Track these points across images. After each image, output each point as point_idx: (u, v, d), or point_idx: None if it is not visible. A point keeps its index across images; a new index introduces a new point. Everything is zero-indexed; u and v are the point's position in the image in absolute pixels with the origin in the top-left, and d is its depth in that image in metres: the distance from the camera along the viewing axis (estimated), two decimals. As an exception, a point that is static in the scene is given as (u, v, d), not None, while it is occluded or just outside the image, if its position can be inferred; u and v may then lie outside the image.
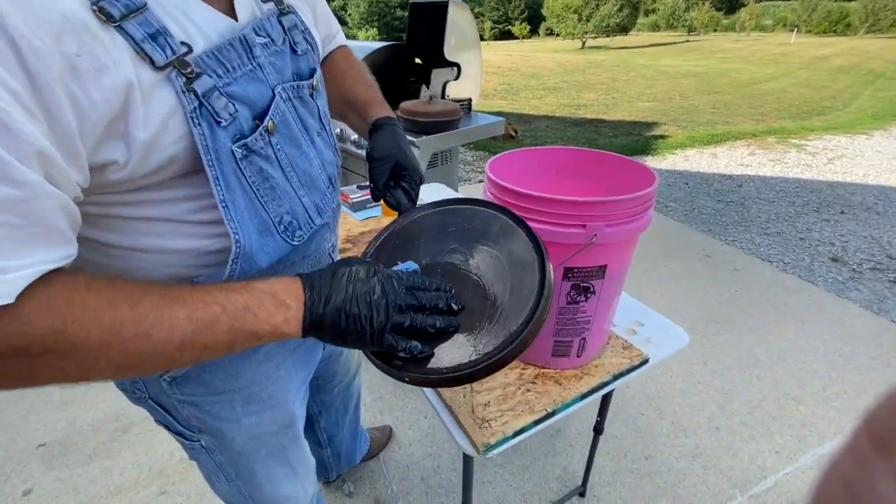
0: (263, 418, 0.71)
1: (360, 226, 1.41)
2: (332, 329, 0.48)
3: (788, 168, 4.25)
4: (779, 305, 2.26)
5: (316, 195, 0.63)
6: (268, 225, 0.55)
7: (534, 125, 5.99)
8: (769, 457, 1.53)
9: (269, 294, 0.46)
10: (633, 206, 0.68)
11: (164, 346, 0.41)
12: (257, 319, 0.45)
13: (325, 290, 0.48)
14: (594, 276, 0.74)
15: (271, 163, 0.54)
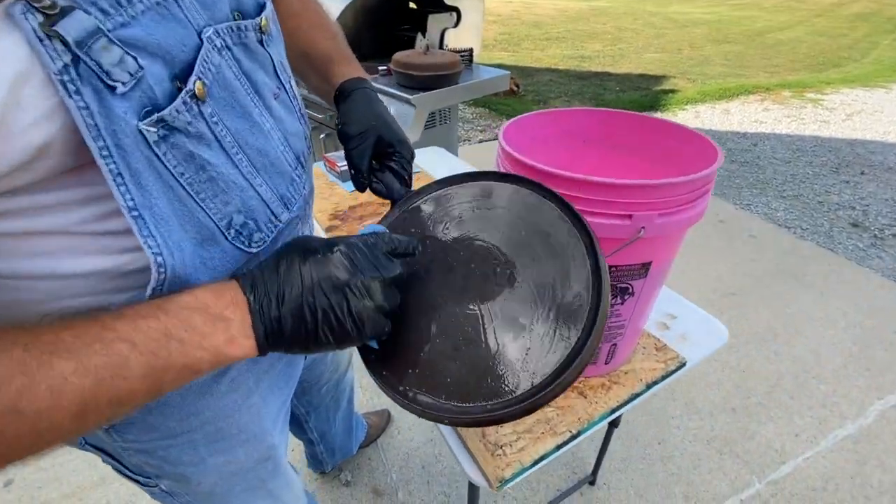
0: (235, 455, 0.59)
1: (349, 198, 1.25)
2: (297, 335, 0.37)
3: (805, 125, 4.02)
4: (797, 275, 2.14)
5: (279, 181, 0.47)
6: (210, 231, 0.40)
7: (536, 79, 5.66)
8: (788, 440, 1.45)
9: (196, 309, 0.35)
10: (690, 191, 0.53)
11: (48, 421, 0.29)
12: (187, 348, 0.34)
13: (274, 285, 0.37)
14: (635, 276, 0.60)
15: (207, 144, 0.38)
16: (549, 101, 4.84)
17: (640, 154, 0.72)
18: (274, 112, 0.47)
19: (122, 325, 0.32)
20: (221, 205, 0.41)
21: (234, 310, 0.36)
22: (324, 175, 1.38)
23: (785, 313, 1.92)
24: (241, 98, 0.42)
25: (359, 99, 0.58)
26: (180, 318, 0.34)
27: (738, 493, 1.32)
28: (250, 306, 0.37)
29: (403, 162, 0.57)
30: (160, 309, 0.34)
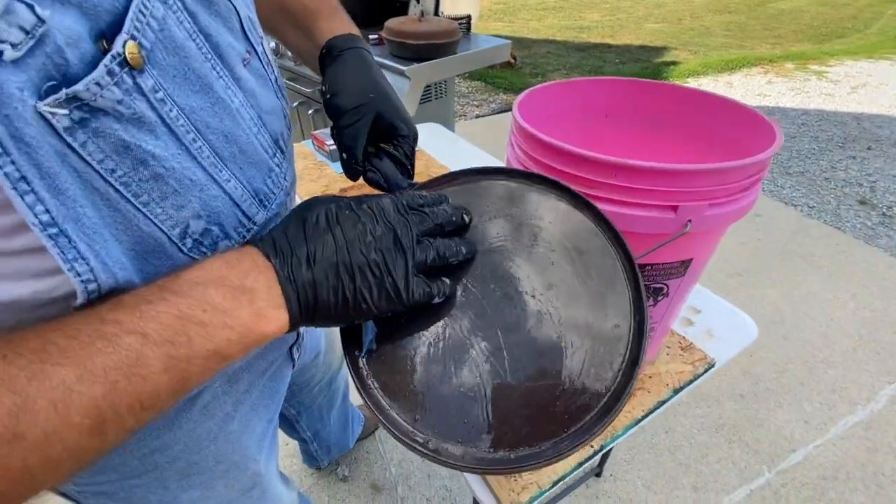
0: (213, 488, 0.51)
1: (339, 180, 1.15)
2: (334, 301, 0.33)
3: (810, 98, 3.91)
4: (804, 255, 2.08)
5: (253, 173, 0.38)
6: (156, 242, 0.32)
7: (533, 51, 5.46)
8: (797, 427, 1.41)
9: (210, 282, 0.29)
10: (745, 177, 0.44)
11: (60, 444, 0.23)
12: (209, 330, 0.28)
13: (302, 245, 0.33)
14: (672, 275, 0.52)
15: (149, 130, 0.29)
16: (547, 73, 4.68)
17: (674, 131, 0.63)
18: (243, 84, 0.37)
19: (125, 314, 0.26)
20: (173, 209, 0.32)
21: (256, 277, 0.31)
22: (312, 154, 1.27)
23: (793, 295, 1.87)
24: (198, 66, 0.32)
25: (351, 61, 0.47)
26: (193, 296, 0.28)
27: (748, 482, 1.28)
28: (276, 271, 0.31)
29: (406, 147, 0.47)
30: (165, 290, 0.28)
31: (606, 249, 0.40)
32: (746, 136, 0.53)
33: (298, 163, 1.23)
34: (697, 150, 0.60)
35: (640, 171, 0.42)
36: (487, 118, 3.63)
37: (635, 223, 0.45)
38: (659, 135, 0.64)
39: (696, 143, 0.61)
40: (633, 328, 0.37)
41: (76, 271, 0.26)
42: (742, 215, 0.47)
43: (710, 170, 0.41)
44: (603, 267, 0.39)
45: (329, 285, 0.32)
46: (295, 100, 1.89)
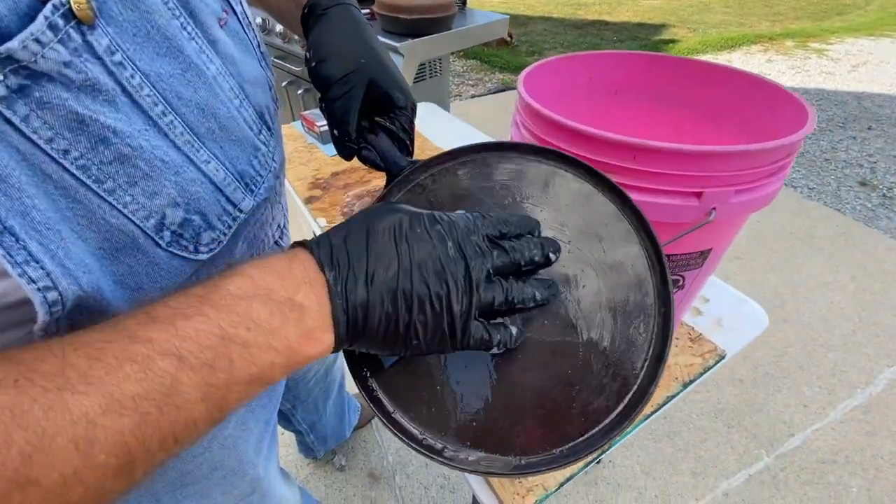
0: (210, 497, 0.48)
1: (331, 163, 1.09)
2: (384, 330, 0.28)
3: (810, 77, 3.85)
4: (804, 238, 2.06)
5: (236, 153, 0.33)
6: (128, 236, 0.28)
7: (529, 28, 5.32)
8: (796, 411, 1.41)
9: (259, 297, 0.25)
10: (774, 160, 0.40)
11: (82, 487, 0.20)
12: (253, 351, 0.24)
13: (362, 260, 0.28)
14: (690, 266, 0.48)
15: (107, 100, 0.24)
16: (544, 52, 4.57)
17: (688, 109, 0.58)
18: (220, 48, 0.32)
19: (158, 332, 0.22)
20: (145, 197, 0.27)
21: (308, 292, 0.27)
22: (301, 136, 1.21)
23: (793, 278, 1.85)
24: (164, 23, 0.27)
25: (338, 21, 0.41)
26: (237, 311, 0.24)
27: (747, 467, 1.28)
28: (329, 287, 0.27)
29: (404, 120, 0.42)
30: (206, 301, 0.24)
31: (629, 234, 0.36)
32: (767, 115, 0.49)
33: (287, 145, 1.17)
34: (713, 129, 0.56)
35: (663, 154, 0.38)
36: (484, 98, 3.55)
37: (655, 211, 0.41)
38: (671, 113, 0.60)
39: (711, 121, 0.57)
40: (658, 323, 0.34)
41: (29, 277, 0.22)
42: (768, 202, 0.43)
43: (739, 152, 0.37)
44: (626, 254, 0.35)
45: (383, 312, 0.28)
46: (284, 79, 1.81)
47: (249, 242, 0.39)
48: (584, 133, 0.39)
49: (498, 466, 0.32)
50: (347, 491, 1.25)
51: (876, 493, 1.20)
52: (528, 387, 0.34)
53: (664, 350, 0.33)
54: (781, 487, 1.23)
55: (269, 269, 0.26)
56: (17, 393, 0.19)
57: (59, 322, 0.25)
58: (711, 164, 0.38)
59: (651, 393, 0.32)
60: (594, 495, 1.22)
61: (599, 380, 0.33)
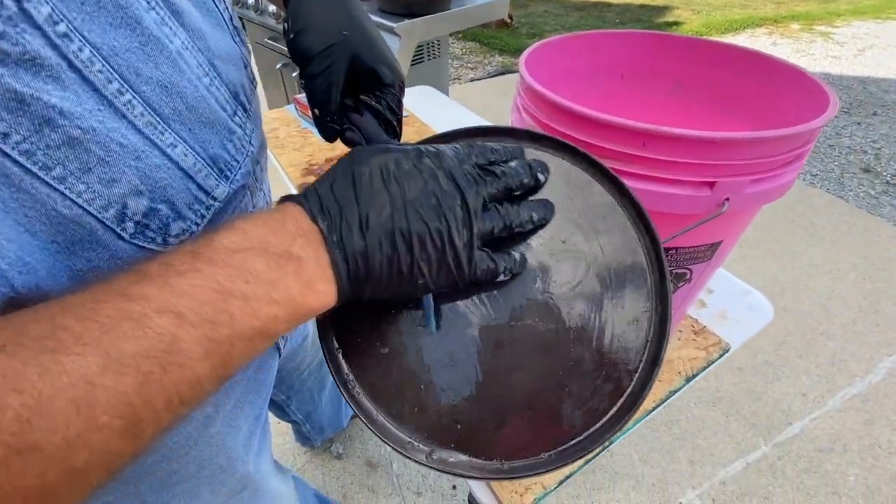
0: (198, 496, 0.46)
1: (326, 149, 1.06)
2: (388, 273, 0.28)
3: (815, 61, 3.78)
4: (806, 226, 2.04)
5: (207, 136, 0.30)
6: (85, 228, 0.25)
7: (530, 10, 5.21)
8: (795, 400, 1.40)
9: (251, 248, 0.25)
10: (792, 148, 0.38)
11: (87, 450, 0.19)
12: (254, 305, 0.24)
13: (353, 206, 0.27)
14: (698, 259, 0.46)
15: (52, 76, 0.22)
16: (544, 33, 4.48)
17: (698, 93, 0.55)
18: (186, 19, 0.29)
19: (153, 289, 0.22)
20: (101, 185, 0.25)
21: (304, 244, 0.26)
22: (295, 121, 1.18)
23: (794, 266, 1.83)
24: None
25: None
26: (233, 264, 0.24)
27: (745, 455, 1.28)
28: (324, 237, 0.27)
29: (391, 98, 0.39)
30: (198, 257, 0.23)
31: (627, 229, 0.34)
32: (785, 99, 0.46)
33: (280, 130, 1.14)
34: (726, 114, 0.54)
35: (674, 140, 0.36)
36: (483, 81, 3.48)
37: (664, 201, 0.38)
38: (681, 97, 0.57)
39: (724, 106, 0.54)
40: (655, 323, 0.33)
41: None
42: (783, 193, 0.41)
43: (756, 139, 0.35)
44: (623, 249, 0.34)
45: (383, 256, 0.28)
46: (278, 61, 1.76)
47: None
48: (590, 118, 0.37)
49: (481, 471, 0.31)
50: (345, 479, 1.25)
51: (873, 481, 1.21)
52: (517, 387, 0.33)
53: (660, 352, 0.31)
54: (779, 476, 1.23)
55: (261, 223, 0.26)
56: (6, 357, 0.18)
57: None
58: (726, 151, 0.35)
59: (644, 397, 0.31)
60: (591, 483, 1.23)
61: (591, 381, 0.32)
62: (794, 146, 0.37)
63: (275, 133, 1.13)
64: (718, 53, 0.52)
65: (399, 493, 1.21)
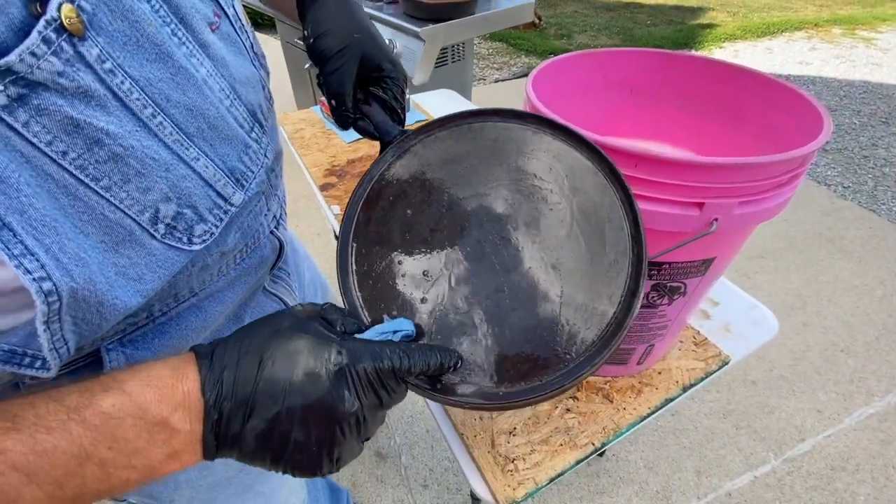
0: (211, 467, 0.49)
1: (348, 151, 1.11)
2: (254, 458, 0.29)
3: (855, 67, 3.64)
4: (834, 239, 1.99)
5: (226, 151, 0.35)
6: (126, 230, 0.30)
7: (559, 10, 5.16)
8: (809, 416, 1.38)
9: (131, 415, 0.25)
10: (783, 172, 0.40)
11: None
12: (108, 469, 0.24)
13: (246, 389, 0.27)
14: (691, 274, 0.48)
15: (100, 105, 0.26)
16: (573, 35, 4.43)
17: (704, 109, 0.57)
18: (211, 51, 0.34)
19: (16, 442, 0.22)
20: (138, 192, 0.29)
21: (183, 416, 0.26)
22: (320, 122, 1.23)
23: (818, 280, 1.79)
24: (154, 31, 0.29)
25: (332, 2, 0.45)
26: (102, 430, 0.24)
27: (753, 469, 1.27)
28: (206, 412, 0.27)
29: (395, 90, 0.46)
30: (72, 417, 0.24)
31: (604, 187, 0.39)
32: (787, 120, 0.48)
33: (306, 130, 1.19)
34: (733, 132, 0.55)
35: (664, 163, 0.38)
36: (508, 82, 3.49)
37: (655, 219, 0.41)
38: (688, 112, 0.58)
39: (731, 124, 0.55)
40: (632, 261, 0.37)
41: (25, 268, 0.24)
42: (776, 213, 0.42)
43: (741, 164, 0.37)
44: (601, 204, 0.38)
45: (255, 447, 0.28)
46: (306, 61, 1.82)
47: (243, 232, 0.41)
48: (585, 138, 0.39)
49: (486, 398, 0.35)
50: (355, 467, 1.29)
51: (883, 501, 1.18)
52: (517, 325, 0.37)
53: (638, 284, 0.35)
54: (787, 491, 1.22)
55: (151, 385, 0.26)
56: None
57: (61, 315, 0.27)
58: (713, 175, 0.37)
59: (627, 324, 0.34)
60: (595, 486, 1.24)
61: (581, 316, 0.36)
62: (782, 171, 0.39)
63: (300, 133, 1.18)
64: (724, 73, 0.54)
65: (406, 485, 1.25)
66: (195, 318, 0.40)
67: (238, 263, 0.43)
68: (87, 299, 0.27)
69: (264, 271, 0.49)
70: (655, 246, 0.43)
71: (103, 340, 0.35)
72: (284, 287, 0.55)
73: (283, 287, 0.54)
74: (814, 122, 0.44)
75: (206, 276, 0.39)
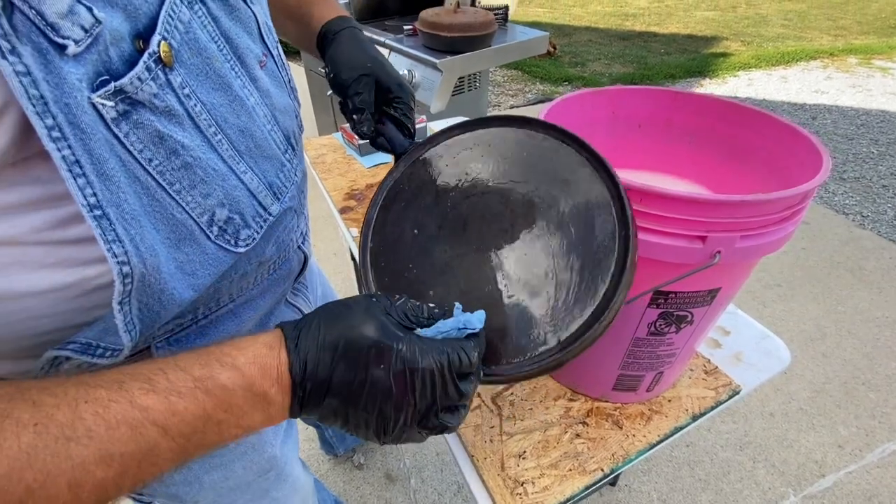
0: (232, 470, 0.54)
1: (367, 175, 1.15)
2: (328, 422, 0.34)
3: (872, 97, 3.64)
4: (853, 269, 1.96)
5: (267, 167, 0.41)
6: (188, 229, 0.34)
7: (574, 39, 5.28)
8: (830, 451, 1.34)
9: (242, 388, 0.30)
10: (784, 208, 0.41)
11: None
12: (223, 428, 0.30)
13: (323, 372, 0.32)
14: (697, 304, 0.49)
15: (178, 122, 0.32)
16: (587, 62, 4.52)
17: (710, 145, 0.59)
18: (259, 84, 0.40)
19: (155, 402, 0.27)
20: (201, 197, 0.34)
21: (278, 391, 0.31)
22: (341, 147, 1.28)
23: (837, 311, 1.76)
24: (219, 66, 0.35)
25: (346, 41, 0.54)
26: (222, 398, 0.29)
27: (771, 505, 1.23)
28: (293, 389, 0.31)
29: (405, 108, 0.53)
30: (200, 386, 0.28)
31: (593, 176, 0.42)
32: (790, 157, 0.50)
33: (327, 156, 1.24)
34: (738, 167, 0.57)
35: (668, 199, 0.40)
36: (522, 109, 3.56)
37: (660, 251, 0.43)
38: (694, 147, 0.61)
39: (736, 160, 0.57)
40: (621, 239, 0.39)
41: (113, 252, 0.28)
42: (778, 247, 0.44)
43: (744, 202, 0.39)
44: (590, 192, 0.42)
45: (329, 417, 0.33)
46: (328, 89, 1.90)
47: (278, 245, 0.47)
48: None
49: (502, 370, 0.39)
50: (364, 489, 1.29)
51: (912, 545, 1.14)
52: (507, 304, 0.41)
53: (626, 261, 0.38)
54: (807, 529, 1.18)
55: (255, 363, 0.31)
56: (35, 436, 0.23)
57: (131, 298, 0.31)
58: (714, 211, 0.39)
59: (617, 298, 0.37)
60: (607, 518, 1.22)
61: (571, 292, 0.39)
62: (783, 207, 0.41)
63: (322, 158, 1.23)
64: (728, 110, 0.56)
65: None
66: (231, 323, 0.45)
67: (271, 273, 0.48)
68: (151, 286, 0.32)
69: (290, 282, 0.54)
70: (661, 276, 0.45)
71: (154, 339, 0.39)
72: (303, 299, 0.59)
73: (302, 299, 0.59)
74: (814, 159, 0.46)
75: (245, 283, 0.44)
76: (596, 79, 4.09)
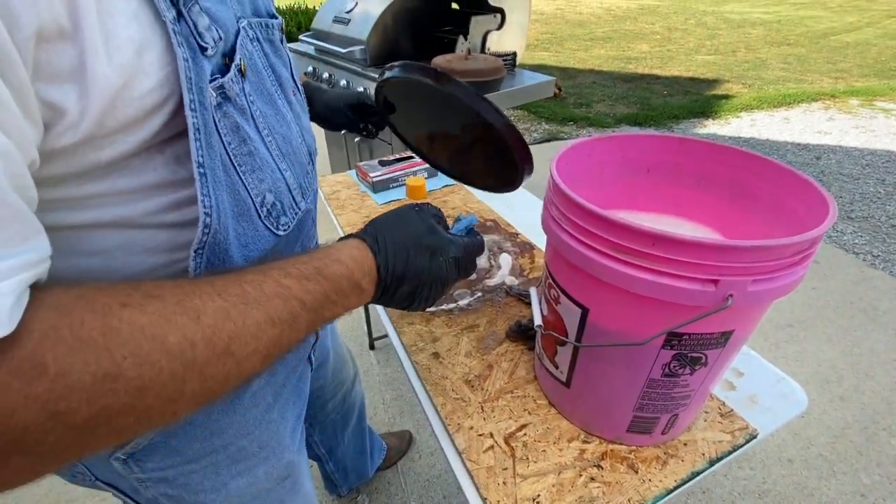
0: (256, 475, 0.58)
1: (380, 211, 1.18)
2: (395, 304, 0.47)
3: (876, 137, 3.69)
4: (866, 309, 1.93)
5: (298, 170, 0.50)
6: (247, 206, 0.41)
7: (578, 81, 5.46)
8: (852, 500, 1.29)
9: (346, 277, 0.41)
10: (795, 253, 0.42)
11: (248, 362, 0.32)
12: (335, 307, 0.40)
13: (400, 268, 0.45)
14: (711, 346, 0.49)
15: (247, 119, 0.41)
16: (591, 104, 4.65)
17: (718, 190, 0.61)
18: (293, 106, 0.51)
19: (293, 283, 0.36)
20: (257, 181, 0.42)
21: (368, 281, 0.43)
22: (355, 184, 1.32)
23: (852, 353, 1.73)
24: (268, 86, 0.46)
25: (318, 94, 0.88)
26: (335, 282, 0.39)
27: (794, 558, 1.18)
28: (378, 283, 0.44)
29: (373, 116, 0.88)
30: (320, 273, 0.38)
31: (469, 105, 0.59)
32: (796, 203, 0.51)
33: (343, 192, 1.27)
34: (745, 212, 0.58)
35: (681, 244, 0.41)
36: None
37: (673, 293, 0.43)
38: (703, 191, 0.62)
39: (743, 205, 0.59)
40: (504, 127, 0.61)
41: (204, 204, 0.35)
42: (790, 290, 0.45)
43: (755, 247, 0.40)
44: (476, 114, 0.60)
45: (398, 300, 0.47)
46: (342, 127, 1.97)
47: (303, 238, 0.56)
48: (608, 219, 0.43)
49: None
50: (368, 532, 1.25)
51: None
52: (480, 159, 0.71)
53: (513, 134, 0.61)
54: (834, 587, 1.12)
55: (355, 260, 0.42)
56: (223, 302, 0.30)
57: (205, 250, 0.37)
58: (726, 255, 0.41)
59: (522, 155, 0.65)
60: (622, 569, 1.16)
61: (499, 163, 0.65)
62: (792, 252, 0.42)
63: (337, 195, 1.26)
64: (735, 156, 0.58)
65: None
66: None
67: None
68: (219, 244, 0.38)
69: None
70: (674, 318, 0.46)
71: None
72: None
73: None
74: (820, 205, 0.47)
75: None
76: (600, 119, 4.20)
